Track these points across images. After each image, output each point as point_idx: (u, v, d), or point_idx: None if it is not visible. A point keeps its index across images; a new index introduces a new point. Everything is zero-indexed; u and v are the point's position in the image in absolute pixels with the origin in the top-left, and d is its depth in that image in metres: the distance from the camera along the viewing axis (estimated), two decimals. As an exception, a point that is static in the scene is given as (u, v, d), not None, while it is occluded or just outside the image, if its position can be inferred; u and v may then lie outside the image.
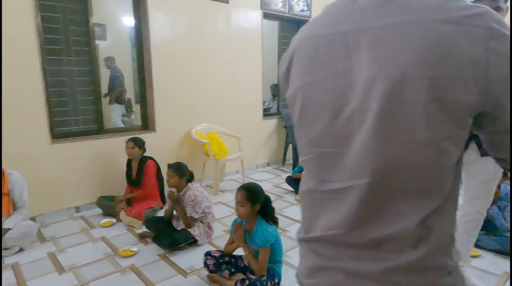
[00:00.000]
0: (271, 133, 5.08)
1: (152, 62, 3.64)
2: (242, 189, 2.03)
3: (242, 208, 1.99)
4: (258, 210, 2.05)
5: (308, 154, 0.70)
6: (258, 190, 2.05)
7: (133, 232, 2.92)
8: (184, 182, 2.70)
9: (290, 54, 0.72)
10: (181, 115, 3.96)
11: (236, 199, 2.02)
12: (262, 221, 2.04)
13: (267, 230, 1.99)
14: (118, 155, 3.46)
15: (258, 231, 2.00)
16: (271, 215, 2.09)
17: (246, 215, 2.02)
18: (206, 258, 2.17)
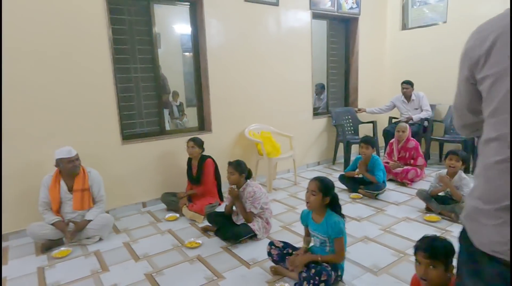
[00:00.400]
0: (321, 132, 5.10)
1: (209, 67, 3.85)
2: (316, 180, 2.09)
3: (313, 197, 2.05)
4: (327, 204, 2.10)
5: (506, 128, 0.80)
6: (330, 184, 2.09)
7: (196, 226, 3.11)
8: (244, 179, 2.84)
9: (493, 38, 0.83)
10: (234, 116, 4.13)
11: (308, 188, 2.08)
12: (331, 212, 2.10)
13: (339, 221, 2.05)
14: (179, 154, 3.71)
15: (330, 222, 2.06)
16: (340, 209, 2.14)
17: (316, 205, 2.08)
18: (270, 248, 2.28)
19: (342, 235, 2.05)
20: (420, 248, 1.51)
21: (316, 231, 2.14)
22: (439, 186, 3.17)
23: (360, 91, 5.45)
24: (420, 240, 1.56)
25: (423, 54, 5.18)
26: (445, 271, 1.46)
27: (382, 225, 2.96)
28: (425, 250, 1.48)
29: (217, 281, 2.21)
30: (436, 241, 1.52)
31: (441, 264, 1.46)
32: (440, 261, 1.46)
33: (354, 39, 5.32)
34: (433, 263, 1.46)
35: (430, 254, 1.46)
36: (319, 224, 2.11)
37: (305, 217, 2.23)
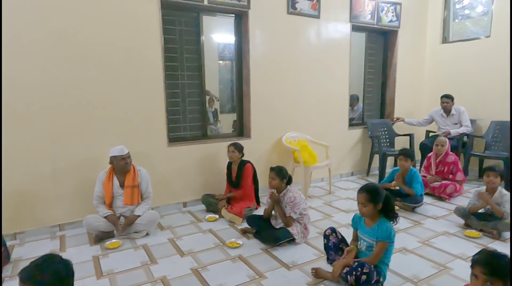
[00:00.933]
0: (355, 142, 5.13)
1: (251, 75, 4.01)
2: (363, 191, 2.14)
3: (365, 209, 2.13)
4: (380, 209, 2.15)
5: None
6: (378, 191, 2.14)
7: (235, 227, 3.24)
8: (284, 184, 2.94)
9: None
10: (273, 124, 4.26)
11: (358, 201, 2.16)
12: (385, 220, 2.15)
13: (391, 228, 2.11)
14: (219, 158, 3.88)
15: (382, 226, 2.12)
16: (392, 211, 2.18)
17: (369, 214, 2.16)
18: (331, 232, 2.38)
19: (389, 240, 2.10)
20: (479, 262, 1.47)
21: (365, 234, 2.21)
22: (478, 203, 3.13)
23: (397, 103, 5.43)
24: (479, 252, 1.52)
25: (463, 68, 5.11)
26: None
27: (420, 238, 2.96)
28: (485, 265, 1.44)
29: (259, 279, 2.32)
30: (497, 258, 1.47)
31: (500, 282, 1.42)
32: (500, 279, 1.42)
33: (392, 51, 5.33)
34: (491, 280, 1.42)
35: (489, 271, 1.42)
36: (370, 228, 2.18)
37: (357, 220, 2.32)
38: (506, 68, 4.60)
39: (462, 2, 5.15)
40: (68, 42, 3.03)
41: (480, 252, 1.54)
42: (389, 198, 2.17)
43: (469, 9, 5.06)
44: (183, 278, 2.35)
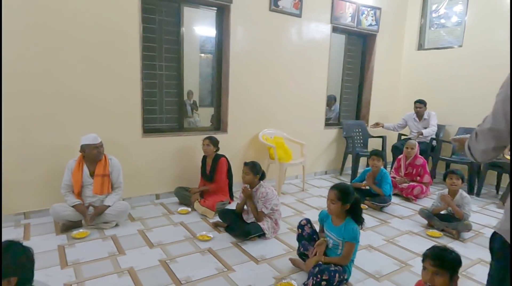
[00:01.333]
0: (331, 142, 5.23)
1: (230, 70, 4.01)
2: (334, 189, 2.20)
3: (333, 206, 2.19)
4: (348, 209, 2.22)
5: None
6: (350, 191, 2.20)
7: (207, 221, 3.25)
8: (257, 180, 2.98)
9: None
10: (250, 119, 4.28)
11: (328, 197, 2.22)
12: (351, 220, 2.22)
13: (356, 229, 2.19)
14: (194, 152, 3.86)
15: (348, 226, 2.19)
16: (359, 216, 2.25)
17: (336, 212, 2.22)
18: (306, 223, 2.44)
19: (356, 242, 2.17)
20: (429, 256, 1.60)
21: (332, 232, 2.27)
22: (440, 205, 3.27)
23: (373, 105, 5.58)
24: (430, 248, 1.65)
25: (437, 75, 5.31)
26: (449, 281, 1.55)
27: (386, 236, 3.08)
28: (433, 258, 1.57)
29: (227, 272, 2.34)
30: (445, 252, 1.60)
31: (446, 273, 1.54)
32: (446, 270, 1.54)
33: (370, 55, 5.46)
34: (439, 272, 1.54)
35: (437, 263, 1.55)
36: (336, 227, 2.24)
37: (323, 217, 2.38)
38: (477, 76, 4.81)
39: (438, 11, 5.34)
40: (42, 27, 2.93)
41: (430, 248, 1.66)
42: (358, 202, 2.24)
43: (445, 19, 5.26)
44: (150, 270, 2.34)
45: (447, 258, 1.56)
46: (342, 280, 2.18)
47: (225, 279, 2.26)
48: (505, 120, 1.02)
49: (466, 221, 3.09)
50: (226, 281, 2.24)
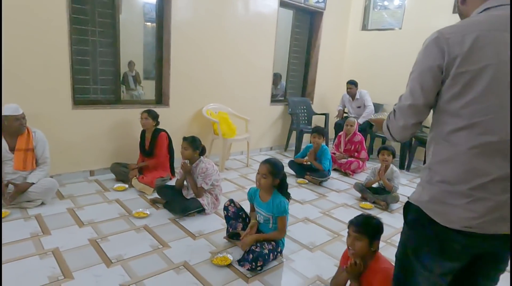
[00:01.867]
0: (276, 118, 5.27)
1: (172, 40, 3.79)
2: (267, 163, 2.21)
3: (263, 180, 2.19)
4: (276, 184, 2.24)
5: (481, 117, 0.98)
6: (280, 166, 2.23)
7: (145, 197, 3.13)
8: (197, 155, 2.90)
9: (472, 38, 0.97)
10: (194, 93, 4.13)
11: (259, 171, 2.21)
12: (278, 193, 2.25)
13: (284, 201, 2.21)
14: (133, 126, 3.65)
15: (276, 201, 2.21)
16: (286, 190, 2.30)
17: (266, 186, 2.22)
18: (230, 203, 2.44)
19: (286, 214, 2.21)
20: (352, 222, 1.70)
21: (261, 208, 2.29)
22: (373, 178, 3.49)
23: (318, 83, 5.68)
24: (355, 216, 1.75)
25: (379, 55, 5.52)
26: (369, 245, 1.66)
27: (322, 209, 3.21)
28: (356, 224, 1.68)
29: (162, 249, 2.29)
30: (368, 219, 1.71)
31: (366, 239, 1.64)
32: (366, 236, 1.64)
33: (317, 33, 5.50)
34: (359, 237, 1.64)
35: (358, 229, 1.65)
36: (265, 203, 2.26)
37: (252, 194, 2.38)
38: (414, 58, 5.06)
39: (382, -7, 5.49)
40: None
41: (356, 216, 1.76)
42: (285, 177, 2.29)
43: (387, 1, 5.42)
44: (78, 250, 2.20)
45: (368, 224, 1.67)
46: (276, 255, 2.24)
47: (160, 256, 2.21)
48: (423, 96, 1.08)
49: (394, 193, 3.33)
50: (160, 258, 2.19)
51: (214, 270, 2.10)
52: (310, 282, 2.06)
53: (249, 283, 2.01)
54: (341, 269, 1.81)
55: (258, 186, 2.25)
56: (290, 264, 2.25)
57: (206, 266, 2.14)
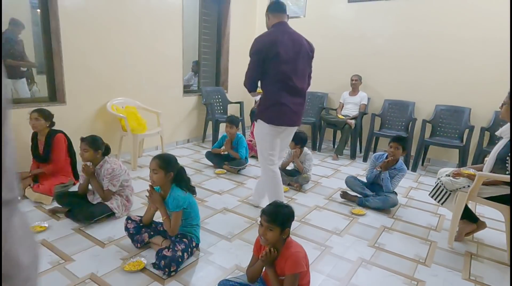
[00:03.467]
0: (191, 110, 5.13)
1: (61, 28, 3.36)
2: (155, 158, 2.12)
3: (155, 176, 2.09)
4: (173, 179, 2.16)
5: None
6: (171, 159, 2.15)
7: (43, 208, 2.77)
8: (100, 155, 2.65)
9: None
10: (95, 88, 3.76)
11: (150, 167, 2.11)
12: (176, 188, 2.16)
13: (179, 196, 2.12)
14: (20, 128, 3.18)
15: (171, 196, 2.13)
16: (186, 183, 2.21)
17: (160, 182, 2.12)
18: (127, 222, 2.25)
19: (180, 209, 2.12)
20: (264, 212, 1.70)
21: None
22: (287, 160, 3.65)
23: (231, 72, 5.67)
24: (268, 205, 1.75)
25: (286, 43, 5.71)
26: (280, 234, 1.67)
27: (240, 197, 3.24)
28: (267, 214, 1.67)
29: (64, 264, 2.05)
30: (279, 208, 1.71)
31: (278, 227, 1.65)
32: (278, 225, 1.65)
33: (226, 20, 5.45)
34: (271, 227, 1.65)
35: (270, 219, 1.66)
36: (165, 201, 2.17)
37: None
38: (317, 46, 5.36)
39: (285, -19, 5.65)
40: None
41: (268, 204, 1.76)
42: (182, 170, 2.22)
43: (291, -11, 5.61)
44: (-47, 282, 1.84)
45: (279, 214, 1.67)
46: (192, 251, 2.18)
47: (61, 272, 1.97)
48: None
49: (305, 174, 3.52)
50: (61, 274, 1.96)
51: (126, 278, 1.96)
52: (229, 272, 2.06)
53: (165, 284, 1.93)
54: (255, 257, 1.83)
55: (152, 184, 2.15)
56: (208, 258, 2.21)
57: (118, 275, 1.98)
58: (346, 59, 5.18)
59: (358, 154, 4.94)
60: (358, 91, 4.95)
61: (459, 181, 2.43)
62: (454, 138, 4.28)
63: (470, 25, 4.23)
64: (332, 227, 2.71)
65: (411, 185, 3.81)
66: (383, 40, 4.86)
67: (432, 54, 4.53)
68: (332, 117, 4.92)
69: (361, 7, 4.97)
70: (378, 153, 3.28)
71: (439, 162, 4.56)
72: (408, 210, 3.15)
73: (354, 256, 2.31)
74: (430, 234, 2.70)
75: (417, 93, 4.70)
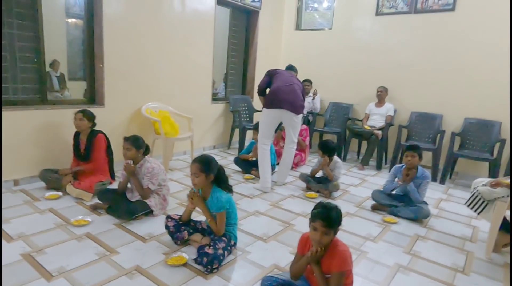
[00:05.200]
0: (218, 117, 5.24)
1: (104, 35, 3.54)
2: (195, 161, 2.16)
3: (197, 179, 2.15)
4: (213, 180, 2.21)
5: None
6: (211, 161, 2.20)
7: (84, 204, 2.88)
8: (141, 154, 2.76)
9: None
10: (132, 92, 3.92)
11: (191, 171, 2.17)
12: (216, 189, 2.22)
13: (221, 196, 2.18)
14: (62, 128, 3.34)
15: (213, 197, 2.19)
16: (225, 183, 2.27)
17: (201, 185, 2.18)
18: (167, 220, 2.33)
19: (224, 210, 2.17)
20: (318, 216, 1.65)
21: None
22: (317, 167, 3.68)
23: (257, 81, 5.77)
24: (317, 207, 1.71)
25: (311, 54, 5.82)
26: (333, 235, 1.67)
27: (271, 201, 3.28)
28: (323, 219, 1.63)
29: (110, 256, 2.13)
30: (332, 211, 1.67)
31: (332, 231, 1.65)
32: (333, 229, 1.65)
33: (254, 31, 5.60)
34: (328, 231, 1.64)
35: (327, 224, 1.63)
36: (207, 201, 2.23)
37: None
38: (343, 57, 5.46)
39: (312, -5, 5.79)
40: None
41: (317, 206, 1.73)
42: (221, 170, 2.25)
43: (317, 3, 5.74)
44: (9, 267, 1.94)
45: (333, 218, 1.65)
46: (231, 249, 2.23)
47: (108, 263, 2.05)
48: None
49: (335, 182, 3.54)
50: (109, 265, 2.03)
51: (170, 271, 2.02)
52: (268, 271, 2.09)
53: (208, 279, 1.97)
54: (299, 255, 1.85)
55: (194, 187, 2.21)
56: (246, 256, 2.25)
57: (161, 268, 2.04)
58: (372, 71, 5.23)
59: (384, 165, 4.92)
60: (384, 102, 4.97)
61: (498, 191, 2.42)
62: (484, 151, 4.24)
63: (499, 39, 4.23)
64: (366, 233, 2.72)
65: (441, 197, 3.78)
66: (410, 53, 4.90)
67: (460, 68, 4.53)
68: (358, 127, 4.94)
69: (388, 20, 5.03)
70: (399, 165, 3.28)
71: (468, 175, 4.50)
72: (440, 220, 3.12)
73: (391, 262, 2.31)
74: (466, 244, 2.67)
75: (445, 106, 4.69)
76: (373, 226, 2.87)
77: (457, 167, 4.56)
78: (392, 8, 4.99)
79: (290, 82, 3.54)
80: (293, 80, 3.63)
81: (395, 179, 3.24)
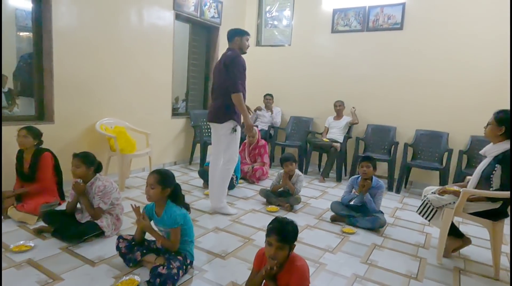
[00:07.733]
0: (179, 132, 5.15)
1: (54, 48, 3.38)
2: (154, 172, 2.11)
3: (152, 191, 2.07)
4: (168, 195, 2.14)
5: None
6: (169, 175, 2.14)
7: (27, 228, 2.66)
8: (92, 172, 2.62)
9: None
10: (85, 107, 3.75)
11: (147, 182, 2.09)
12: (171, 204, 2.15)
13: (175, 212, 2.11)
14: (5, 146, 3.10)
15: (167, 213, 2.12)
16: (181, 200, 2.21)
17: (156, 198, 2.11)
18: (119, 241, 2.19)
19: (178, 225, 2.10)
20: (273, 231, 1.63)
21: (158, 224, 2.18)
22: (278, 184, 3.68)
23: (218, 96, 5.76)
24: (272, 223, 1.69)
25: (273, 69, 5.93)
26: (289, 251, 1.66)
27: (231, 217, 3.22)
28: (278, 234, 1.61)
29: (52, 283, 1.96)
30: (288, 226, 1.66)
31: (287, 245, 1.64)
32: (288, 244, 1.64)
33: (215, 47, 5.62)
34: (282, 246, 1.62)
35: (282, 238, 1.61)
36: (160, 218, 2.15)
37: (149, 211, 2.23)
38: (303, 73, 5.61)
39: (272, 13, 5.95)
40: None
41: (273, 221, 1.71)
42: (179, 188, 2.21)
43: (277, 21, 5.89)
44: None
45: (288, 232, 1.64)
46: (187, 268, 2.14)
47: (50, 292, 1.89)
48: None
49: (297, 195, 3.56)
50: (51, 294, 1.87)
51: (119, 296, 1.89)
52: (225, 290, 2.03)
53: (160, 302, 1.87)
54: (255, 271, 1.82)
55: (148, 199, 2.13)
56: (203, 275, 2.17)
57: (110, 293, 1.91)
58: (330, 86, 5.40)
59: (343, 177, 5.04)
60: (342, 115, 5.14)
61: (445, 198, 2.54)
62: (434, 160, 4.48)
63: (447, 54, 4.55)
64: (325, 245, 2.73)
65: (396, 206, 3.91)
66: (364, 68, 5.14)
67: (410, 82, 4.81)
68: (318, 140, 5.05)
69: (343, 37, 5.27)
70: (355, 176, 3.37)
71: (421, 184, 4.71)
72: (396, 228, 3.22)
73: (349, 272, 2.32)
74: (419, 251, 2.76)
75: (398, 118, 4.93)
76: (332, 238, 2.89)
77: (411, 176, 4.77)
78: (346, 26, 5.23)
79: (215, 83, 3.33)
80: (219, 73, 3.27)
81: (352, 190, 3.32)
